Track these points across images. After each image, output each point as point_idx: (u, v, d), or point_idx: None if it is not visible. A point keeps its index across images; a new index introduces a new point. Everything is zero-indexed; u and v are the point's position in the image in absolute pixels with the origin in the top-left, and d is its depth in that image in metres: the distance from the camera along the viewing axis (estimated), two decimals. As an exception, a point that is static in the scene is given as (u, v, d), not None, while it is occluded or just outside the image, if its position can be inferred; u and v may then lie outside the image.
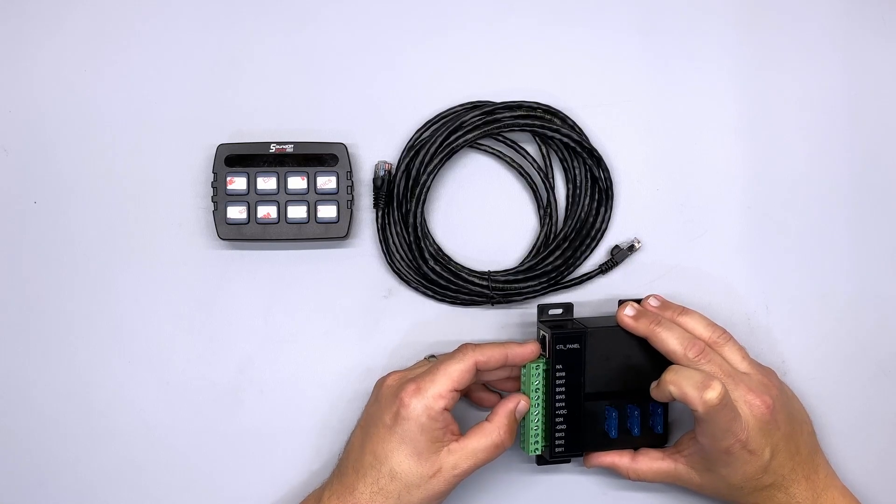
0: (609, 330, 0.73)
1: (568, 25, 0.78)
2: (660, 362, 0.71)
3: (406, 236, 0.76)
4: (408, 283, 0.76)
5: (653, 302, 0.74)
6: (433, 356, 0.74)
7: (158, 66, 0.77)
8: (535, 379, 0.72)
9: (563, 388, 0.72)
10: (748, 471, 0.69)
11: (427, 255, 0.75)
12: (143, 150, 0.76)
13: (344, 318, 0.77)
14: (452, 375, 0.68)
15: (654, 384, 0.70)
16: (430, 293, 0.76)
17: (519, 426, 0.72)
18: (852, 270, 0.78)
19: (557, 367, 0.72)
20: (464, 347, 0.70)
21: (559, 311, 0.74)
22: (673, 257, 0.78)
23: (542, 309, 0.74)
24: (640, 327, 0.72)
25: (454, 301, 0.77)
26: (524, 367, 0.73)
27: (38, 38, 0.76)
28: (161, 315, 0.76)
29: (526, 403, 0.72)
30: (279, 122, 0.77)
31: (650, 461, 0.74)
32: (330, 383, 0.76)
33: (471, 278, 0.76)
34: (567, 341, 0.72)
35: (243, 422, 0.76)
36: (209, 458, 0.76)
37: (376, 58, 0.77)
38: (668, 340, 0.70)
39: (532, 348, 0.72)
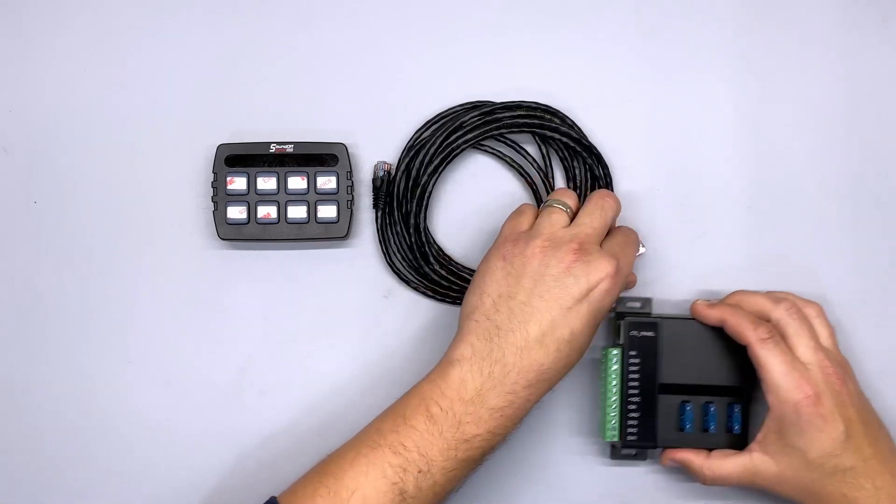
0: (685, 322, 0.73)
1: (567, 25, 0.78)
2: (739, 359, 0.71)
3: (406, 236, 0.76)
4: (408, 283, 0.76)
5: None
6: None
7: (158, 67, 0.77)
8: (613, 364, 0.72)
9: (637, 376, 0.72)
10: (825, 443, 0.66)
11: (427, 256, 0.75)
12: (143, 150, 0.76)
13: (344, 318, 0.77)
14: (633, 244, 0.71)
15: (704, 303, 0.72)
16: (430, 293, 0.76)
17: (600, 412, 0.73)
18: (852, 270, 0.78)
19: (631, 353, 0.72)
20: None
21: (637, 304, 0.75)
22: (673, 257, 0.78)
23: (620, 300, 0.74)
24: (714, 314, 0.72)
25: (454, 301, 0.76)
26: (603, 350, 0.73)
27: (38, 39, 0.77)
28: (161, 315, 0.76)
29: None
30: (279, 122, 0.77)
31: (724, 456, 0.71)
32: (330, 383, 0.76)
33: (471, 278, 0.76)
34: (641, 328, 0.72)
35: (243, 422, 0.76)
36: (209, 458, 0.76)
37: (376, 58, 0.77)
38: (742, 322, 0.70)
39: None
